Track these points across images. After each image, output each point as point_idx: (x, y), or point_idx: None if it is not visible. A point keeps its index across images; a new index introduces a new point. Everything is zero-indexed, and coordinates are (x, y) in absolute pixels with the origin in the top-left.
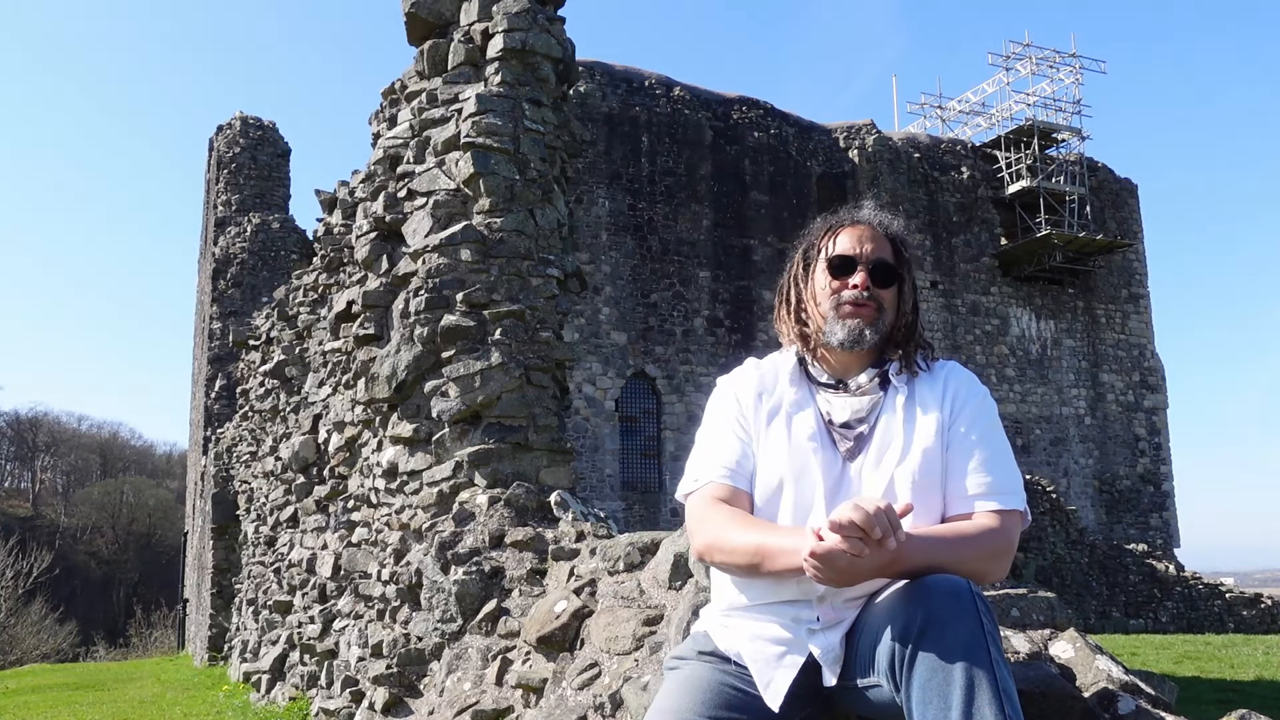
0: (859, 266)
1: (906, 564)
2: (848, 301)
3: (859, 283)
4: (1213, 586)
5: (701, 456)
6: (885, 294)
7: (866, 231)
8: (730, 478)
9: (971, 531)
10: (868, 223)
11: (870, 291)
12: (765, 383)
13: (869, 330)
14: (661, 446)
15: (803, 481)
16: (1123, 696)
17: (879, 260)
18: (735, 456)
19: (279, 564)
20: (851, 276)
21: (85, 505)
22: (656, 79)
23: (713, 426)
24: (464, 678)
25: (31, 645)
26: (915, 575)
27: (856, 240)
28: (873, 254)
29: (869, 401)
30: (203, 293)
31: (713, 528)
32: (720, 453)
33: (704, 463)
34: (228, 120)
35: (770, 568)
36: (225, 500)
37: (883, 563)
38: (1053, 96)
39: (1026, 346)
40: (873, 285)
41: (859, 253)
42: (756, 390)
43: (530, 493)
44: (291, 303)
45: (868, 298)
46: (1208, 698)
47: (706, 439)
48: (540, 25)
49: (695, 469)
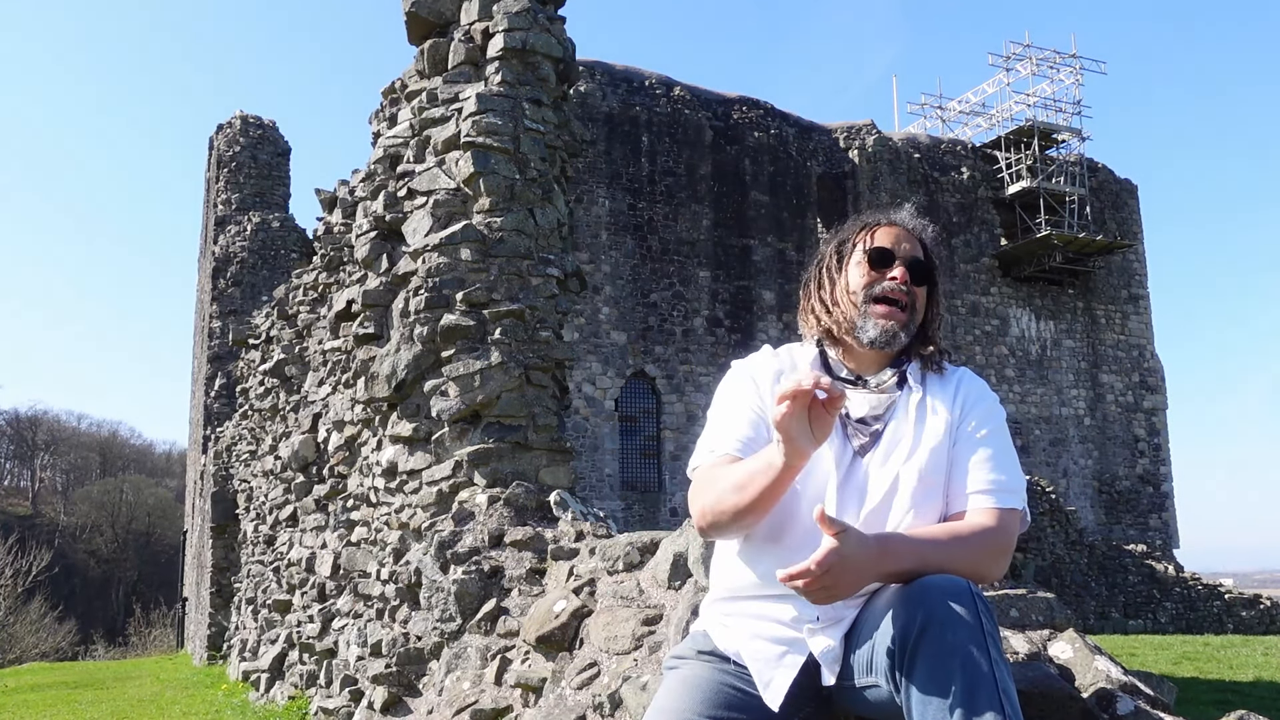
0: (898, 261)
1: (898, 568)
2: (885, 293)
3: (899, 275)
4: (1212, 587)
5: (713, 432)
6: (919, 293)
7: (903, 232)
8: (742, 451)
9: (965, 531)
10: (904, 224)
11: (908, 286)
12: (784, 367)
13: (902, 332)
14: (661, 446)
15: (815, 472)
16: (1121, 697)
17: (916, 259)
18: (748, 433)
19: (278, 563)
20: (890, 270)
21: (85, 504)
22: (656, 79)
23: (726, 405)
24: (463, 677)
25: (30, 644)
26: (909, 578)
27: (895, 238)
28: (910, 253)
29: (886, 399)
30: (203, 291)
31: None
32: (734, 427)
33: (717, 436)
34: (228, 119)
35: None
36: (225, 499)
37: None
38: (1053, 97)
39: (1026, 347)
40: (910, 283)
41: (900, 250)
42: (775, 374)
43: (530, 492)
44: (291, 301)
45: (905, 292)
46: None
47: (719, 416)
48: (540, 25)
49: (706, 443)
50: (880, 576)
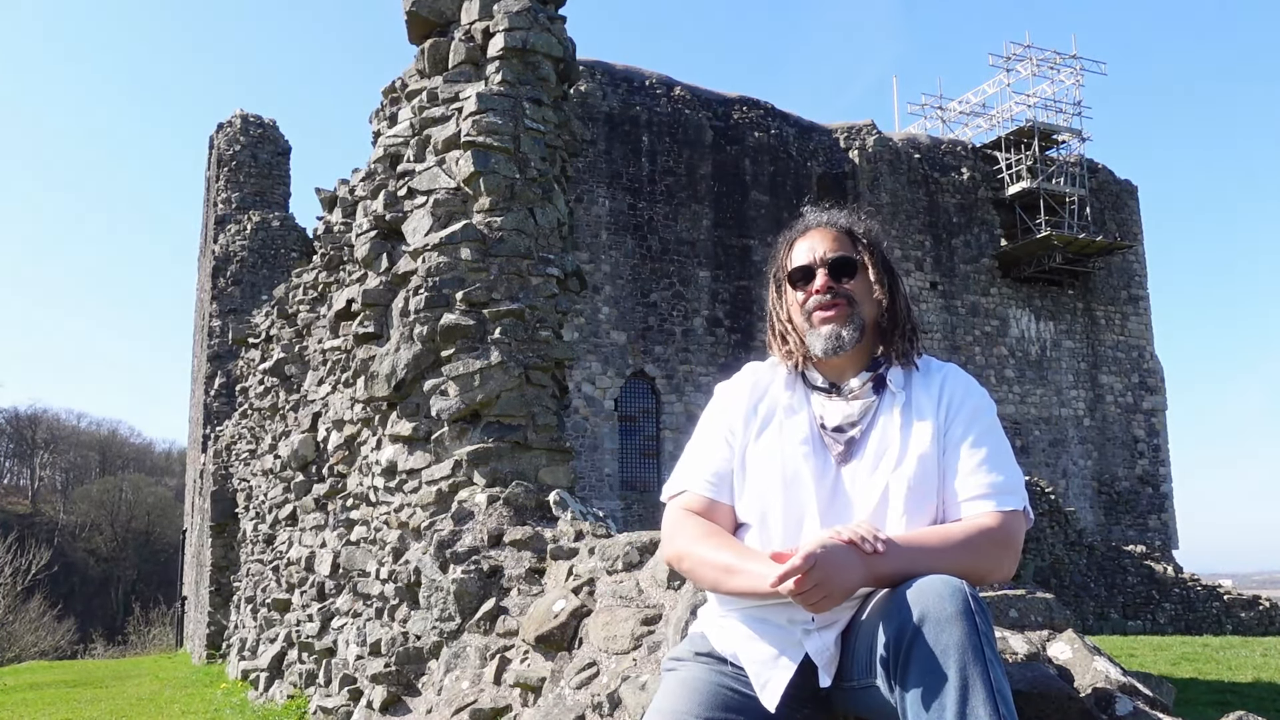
0: (816, 270)
1: (890, 570)
2: (815, 308)
3: (819, 285)
4: (1211, 588)
5: (688, 463)
6: (851, 285)
7: (817, 235)
8: (711, 490)
9: (959, 534)
10: (816, 226)
11: (834, 289)
12: (760, 389)
13: (844, 330)
14: (660, 446)
15: (795, 487)
16: (1120, 697)
17: (835, 257)
18: (718, 468)
19: (278, 562)
20: (813, 283)
21: (84, 502)
22: (657, 79)
23: (703, 434)
24: (462, 676)
25: (30, 642)
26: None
27: (809, 247)
28: (828, 253)
29: (861, 406)
30: (202, 290)
31: (683, 540)
32: (706, 461)
33: (689, 471)
34: (228, 118)
35: (731, 586)
36: (224, 498)
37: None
38: (1053, 98)
39: (1026, 348)
40: (836, 282)
41: (814, 258)
42: (751, 399)
43: (529, 492)
44: (291, 301)
45: (833, 298)
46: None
47: (695, 446)
48: (541, 24)
49: (679, 475)
50: (874, 578)
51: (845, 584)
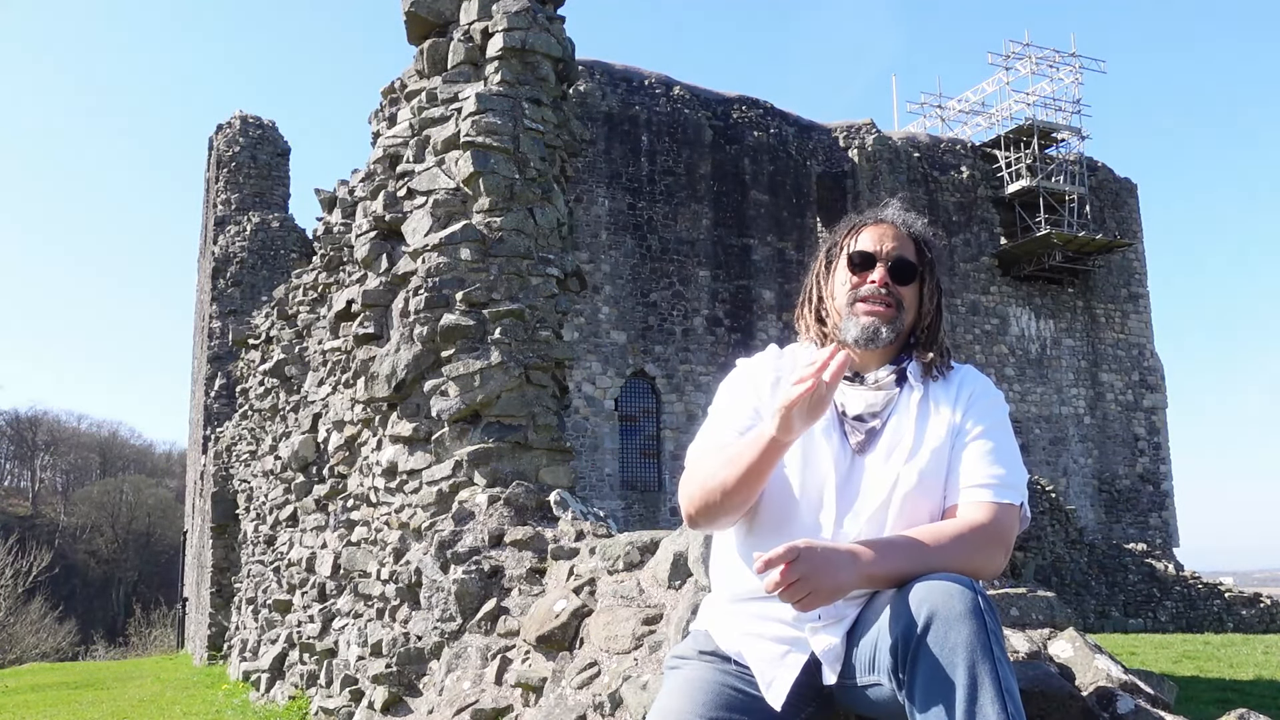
0: (879, 263)
1: (883, 570)
2: (865, 297)
3: (878, 278)
4: (1212, 586)
5: (711, 424)
6: (905, 291)
7: (889, 230)
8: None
9: (952, 532)
10: (891, 221)
11: (889, 288)
12: (783, 371)
13: (885, 328)
14: (661, 446)
15: (812, 470)
16: (1122, 695)
17: (899, 258)
18: (747, 423)
19: (278, 563)
20: (871, 273)
21: (85, 504)
22: (656, 78)
23: (726, 401)
24: (463, 677)
25: (31, 644)
26: (900, 579)
27: (878, 238)
28: (894, 252)
29: (884, 396)
30: (202, 291)
31: (707, 463)
32: (732, 420)
33: (714, 428)
34: (227, 119)
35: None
36: (225, 499)
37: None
38: (1052, 96)
39: (1026, 346)
40: (892, 283)
41: (880, 250)
42: (774, 377)
43: (530, 492)
44: (291, 302)
45: (886, 294)
46: (1207, 697)
47: (718, 410)
48: (540, 24)
49: (703, 433)
50: (864, 579)
51: (833, 583)
